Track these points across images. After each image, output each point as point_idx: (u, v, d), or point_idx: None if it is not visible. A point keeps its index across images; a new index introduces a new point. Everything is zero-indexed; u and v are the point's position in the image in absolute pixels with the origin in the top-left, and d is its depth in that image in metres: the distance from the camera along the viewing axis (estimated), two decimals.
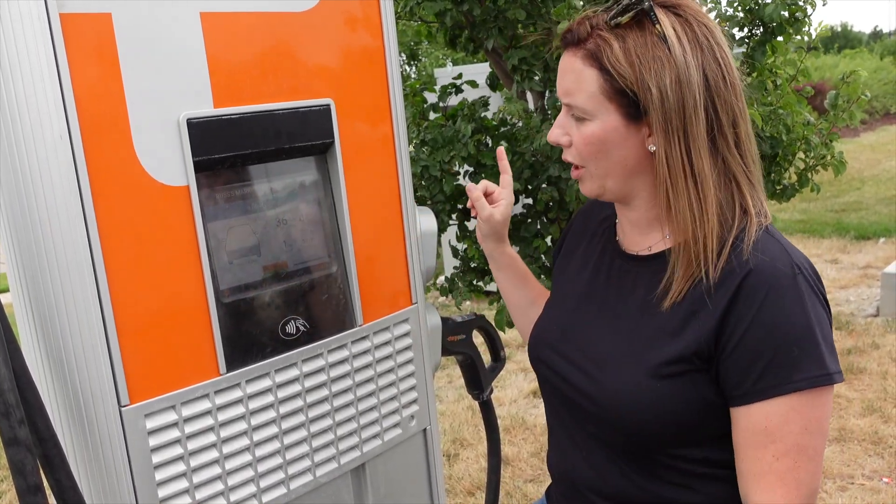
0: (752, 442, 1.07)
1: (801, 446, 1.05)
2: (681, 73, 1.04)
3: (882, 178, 10.46)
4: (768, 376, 1.05)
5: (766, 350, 1.05)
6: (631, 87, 1.06)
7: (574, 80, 1.10)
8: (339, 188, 1.38)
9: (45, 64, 1.03)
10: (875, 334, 4.91)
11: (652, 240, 1.20)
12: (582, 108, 1.10)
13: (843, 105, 1.96)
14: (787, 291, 1.05)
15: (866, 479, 3.29)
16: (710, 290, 1.08)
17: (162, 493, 1.18)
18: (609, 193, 1.18)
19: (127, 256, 1.13)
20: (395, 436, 1.53)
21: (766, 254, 1.08)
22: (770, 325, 1.05)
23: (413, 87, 2.41)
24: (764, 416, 1.06)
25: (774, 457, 1.06)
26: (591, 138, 1.11)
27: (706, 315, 1.08)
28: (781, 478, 1.06)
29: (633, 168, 1.12)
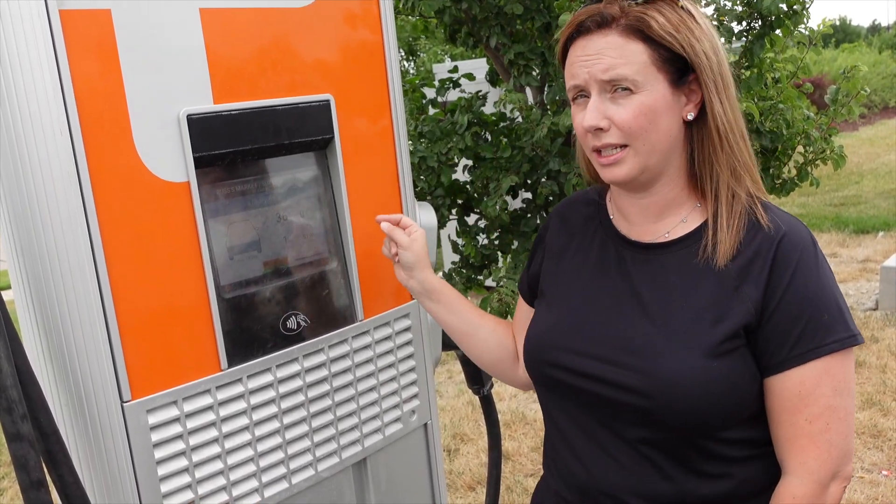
0: (787, 407, 1.12)
1: (832, 407, 1.10)
2: (712, 40, 1.13)
3: (881, 171, 10.46)
4: (803, 342, 1.10)
5: (801, 316, 1.10)
6: (683, 52, 1.11)
7: (618, 55, 1.11)
8: (339, 184, 1.38)
9: (45, 60, 1.03)
10: (874, 328, 4.92)
11: (667, 225, 1.20)
12: (632, 79, 1.11)
13: (842, 100, 1.96)
14: (813, 259, 1.12)
15: (866, 472, 3.30)
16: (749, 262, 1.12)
17: (164, 488, 1.18)
18: (647, 173, 1.16)
19: (128, 252, 1.13)
20: (396, 430, 1.53)
21: (789, 223, 1.14)
22: (803, 291, 1.10)
23: (412, 83, 2.41)
24: (798, 381, 1.10)
25: (808, 420, 1.10)
26: (642, 108, 1.12)
27: (750, 286, 1.12)
28: (814, 440, 1.11)
29: (673, 140, 1.15)
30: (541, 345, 1.27)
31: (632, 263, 1.21)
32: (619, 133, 1.13)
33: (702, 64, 1.11)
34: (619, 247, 1.24)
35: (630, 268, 1.21)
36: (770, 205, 1.19)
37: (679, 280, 1.16)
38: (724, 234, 1.14)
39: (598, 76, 1.13)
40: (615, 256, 1.23)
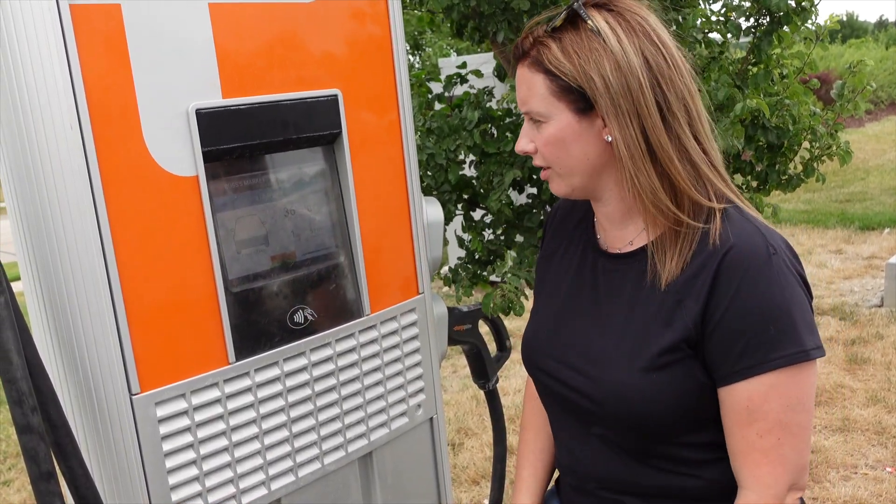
0: (737, 420, 1.10)
1: (783, 423, 1.08)
2: (619, 59, 1.09)
3: (887, 168, 10.43)
4: (747, 356, 1.08)
5: (744, 330, 1.07)
6: (575, 81, 1.11)
7: (526, 89, 1.16)
8: (346, 178, 1.38)
9: (56, 55, 1.04)
10: (879, 325, 4.91)
11: (631, 234, 1.21)
12: (537, 112, 1.15)
13: (848, 95, 1.96)
14: (762, 271, 1.08)
15: (870, 468, 3.30)
16: (692, 277, 1.11)
17: (172, 481, 1.19)
18: (578, 191, 1.21)
19: (137, 246, 1.13)
20: (402, 424, 1.54)
21: (741, 235, 1.10)
22: (747, 305, 1.07)
23: (418, 77, 2.41)
24: (746, 395, 1.09)
25: (758, 434, 1.09)
26: (549, 138, 1.16)
27: (691, 301, 1.11)
28: (766, 454, 1.09)
29: (595, 162, 1.16)
30: (529, 348, 1.35)
31: (601, 272, 1.26)
32: (541, 157, 1.20)
33: (596, 91, 1.09)
34: (594, 254, 1.28)
35: (599, 276, 1.26)
36: (734, 212, 1.14)
37: (633, 293, 1.19)
38: (665, 257, 1.13)
39: (519, 106, 1.20)
40: (590, 264, 1.28)
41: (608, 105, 1.09)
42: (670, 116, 1.11)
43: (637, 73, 1.09)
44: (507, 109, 2.14)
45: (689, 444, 1.16)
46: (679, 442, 1.16)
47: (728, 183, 1.18)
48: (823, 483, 3.20)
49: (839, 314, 5.16)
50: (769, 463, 1.09)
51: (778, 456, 1.09)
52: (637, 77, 1.09)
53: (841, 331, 4.87)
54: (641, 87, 1.09)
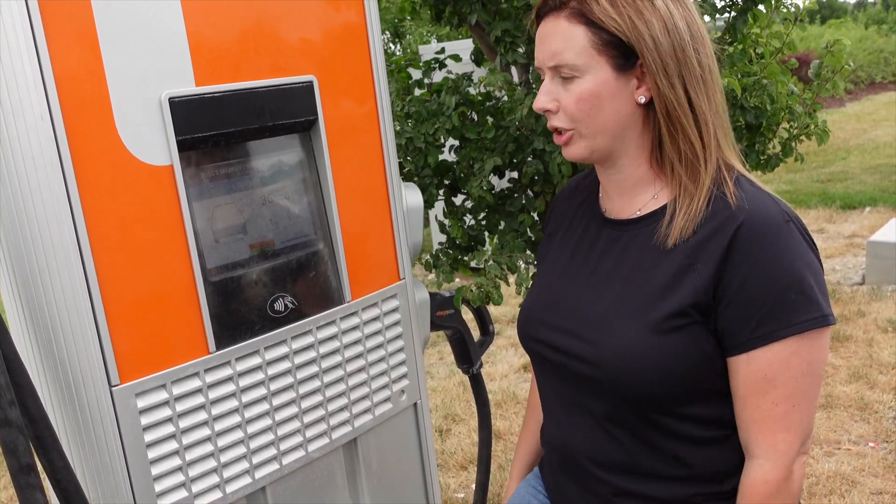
0: (753, 390, 1.10)
1: (800, 390, 1.09)
2: (667, 21, 1.10)
3: (868, 147, 10.50)
4: (768, 322, 1.08)
5: (765, 296, 1.08)
6: (624, 35, 1.10)
7: (561, 40, 1.12)
8: (324, 165, 1.38)
9: (24, 45, 1.02)
10: (861, 302, 4.96)
11: (640, 202, 1.21)
12: (572, 66, 1.12)
13: (826, 75, 1.97)
14: (780, 238, 1.09)
15: (852, 444, 3.34)
16: (705, 240, 1.11)
17: (155, 471, 1.19)
18: (597, 153, 1.19)
19: (113, 237, 1.13)
20: (386, 410, 1.54)
21: (757, 202, 1.11)
22: (767, 271, 1.08)
23: (398, 64, 2.40)
24: (765, 362, 1.09)
25: (774, 402, 1.09)
26: (584, 94, 1.13)
27: (703, 265, 1.11)
28: (780, 422, 1.10)
29: (624, 122, 1.15)
30: (525, 320, 1.33)
31: (606, 240, 1.25)
32: (565, 116, 1.16)
33: (645, 47, 1.10)
34: (599, 224, 1.27)
35: (604, 245, 1.25)
36: (745, 182, 1.16)
37: (640, 256, 1.18)
38: (679, 217, 1.14)
39: (546, 63, 1.16)
40: (594, 234, 1.27)
41: (656, 64, 1.10)
42: (709, 82, 1.14)
43: (684, 37, 1.11)
44: (487, 93, 2.14)
45: (685, 416, 1.16)
46: (676, 413, 1.16)
47: (737, 154, 1.20)
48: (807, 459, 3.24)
49: None
50: (783, 430, 1.10)
51: (791, 423, 1.10)
52: (683, 40, 1.11)
53: None
54: (685, 50, 1.11)
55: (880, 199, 7.57)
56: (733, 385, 1.13)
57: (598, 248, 1.25)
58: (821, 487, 3.04)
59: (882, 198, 7.62)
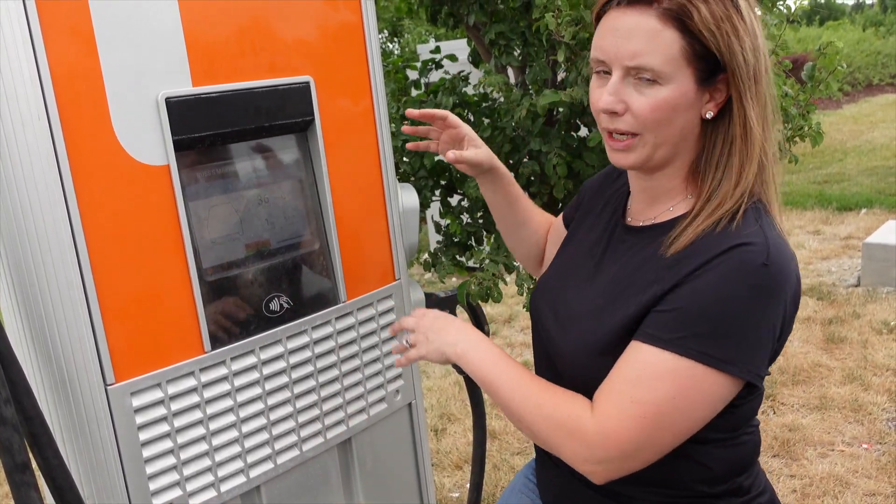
0: (626, 373, 1.06)
1: (660, 409, 1.03)
2: (754, 40, 1.06)
3: (864, 149, 10.52)
4: (666, 328, 1.04)
5: (685, 307, 1.04)
6: (719, 51, 1.04)
7: (647, 41, 1.04)
8: (320, 166, 1.38)
9: (21, 44, 1.03)
10: (856, 304, 4.97)
11: (658, 211, 1.19)
12: (657, 71, 1.04)
13: (819, 76, 1.98)
14: (740, 275, 1.03)
15: (846, 445, 3.35)
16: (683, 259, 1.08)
17: (150, 470, 1.19)
18: (652, 162, 1.13)
19: (109, 236, 1.13)
20: (381, 410, 1.54)
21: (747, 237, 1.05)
22: (703, 290, 1.03)
23: (395, 64, 2.40)
24: (646, 360, 1.05)
25: (632, 400, 1.05)
26: (661, 103, 1.06)
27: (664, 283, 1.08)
28: (623, 413, 1.05)
29: (687, 136, 1.11)
30: (537, 292, 1.35)
31: (615, 242, 1.25)
32: (633, 121, 1.09)
33: (737, 67, 1.05)
34: (616, 225, 1.28)
35: (614, 246, 1.25)
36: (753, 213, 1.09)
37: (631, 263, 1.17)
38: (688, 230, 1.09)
39: (623, 61, 1.06)
40: (609, 231, 1.27)
41: (743, 82, 1.05)
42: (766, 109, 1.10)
43: (763, 59, 1.07)
44: (483, 94, 2.15)
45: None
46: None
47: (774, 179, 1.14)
48: (801, 460, 3.25)
49: (817, 294, 5.22)
50: (619, 422, 1.04)
51: (630, 428, 1.04)
52: (765, 62, 1.07)
53: (818, 310, 4.93)
54: (761, 75, 1.07)
55: (876, 201, 7.59)
56: (617, 361, 1.09)
57: (610, 248, 1.25)
58: (814, 489, 3.05)
59: (878, 200, 7.64)
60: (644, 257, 1.15)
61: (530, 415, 1.12)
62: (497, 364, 1.17)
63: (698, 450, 1.14)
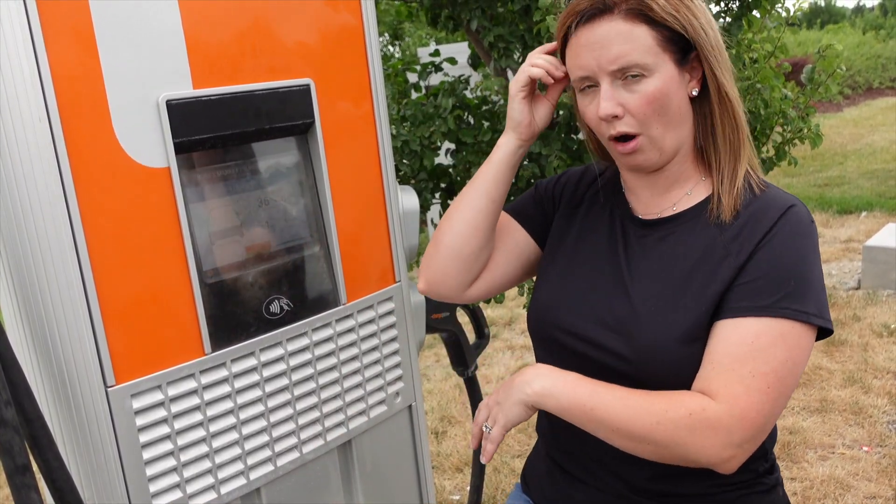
0: (736, 353, 1.07)
1: (780, 375, 1.07)
2: (707, 14, 1.15)
3: (865, 152, 10.53)
4: (762, 296, 1.08)
5: (773, 273, 1.09)
6: (684, 30, 1.11)
7: (624, 42, 1.11)
8: (320, 168, 1.38)
9: (22, 46, 1.03)
10: (856, 307, 4.97)
11: (673, 198, 1.22)
12: (642, 66, 1.11)
13: (819, 79, 1.98)
14: (808, 236, 1.12)
15: (847, 448, 3.35)
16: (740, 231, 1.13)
17: (150, 472, 1.19)
18: (665, 156, 1.18)
19: (109, 238, 1.13)
20: (381, 412, 1.54)
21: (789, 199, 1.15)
22: (781, 252, 1.10)
23: (394, 68, 2.41)
24: (754, 333, 1.07)
25: (752, 374, 1.06)
26: (654, 94, 1.12)
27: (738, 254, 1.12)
28: (749, 393, 1.06)
29: (684, 118, 1.17)
30: (550, 307, 1.30)
31: (634, 239, 1.25)
32: (633, 120, 1.14)
33: (701, 40, 1.13)
34: (627, 222, 1.27)
35: (632, 242, 1.25)
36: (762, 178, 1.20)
37: (673, 252, 1.19)
38: (725, 198, 1.16)
39: (607, 67, 1.12)
40: (621, 230, 1.27)
41: (712, 55, 1.13)
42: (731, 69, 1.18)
43: (717, 31, 1.15)
44: (483, 97, 2.15)
45: None
46: None
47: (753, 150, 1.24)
48: (801, 463, 3.25)
49: None
50: (748, 398, 1.05)
51: (760, 402, 1.06)
52: (718, 34, 1.15)
53: None
54: (721, 42, 1.15)
55: (877, 204, 7.59)
56: (712, 345, 1.10)
57: (633, 246, 1.24)
58: (815, 491, 3.04)
59: (878, 202, 7.64)
60: (692, 241, 1.17)
61: (648, 426, 1.08)
62: (593, 390, 1.12)
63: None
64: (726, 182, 1.17)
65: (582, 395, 1.12)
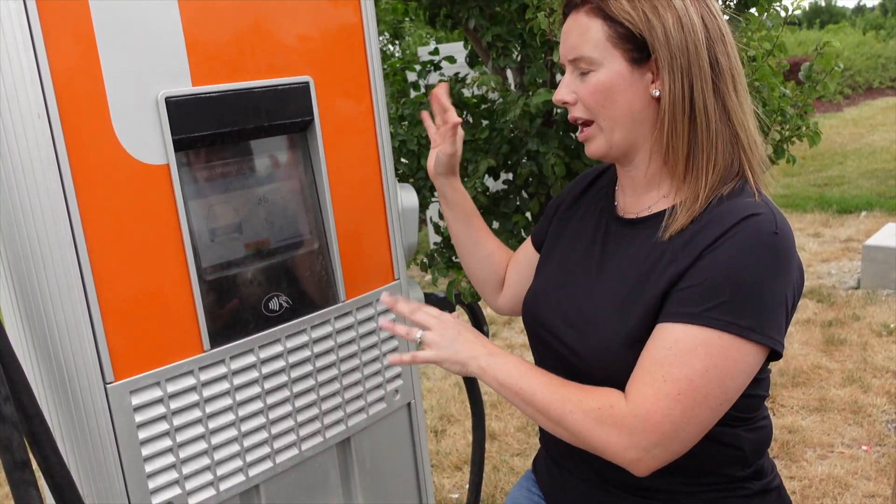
0: (656, 355, 1.08)
1: (693, 384, 1.06)
2: (681, 15, 1.12)
3: (864, 152, 10.53)
4: (691, 303, 1.08)
5: (708, 282, 1.07)
6: (637, 29, 1.12)
7: (579, 35, 1.17)
8: (319, 165, 1.39)
9: (21, 43, 1.03)
10: (856, 306, 4.97)
11: (651, 199, 1.23)
12: (588, 58, 1.16)
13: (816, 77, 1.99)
14: (764, 244, 1.07)
15: (846, 447, 3.35)
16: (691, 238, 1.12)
17: (149, 468, 1.20)
18: (616, 148, 1.20)
19: (109, 235, 1.13)
20: (380, 410, 1.55)
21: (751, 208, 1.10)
22: (724, 261, 1.07)
23: (393, 66, 2.41)
24: (675, 338, 1.08)
25: (664, 378, 1.07)
26: (598, 86, 1.16)
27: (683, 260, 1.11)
28: (658, 396, 1.06)
29: (638, 116, 1.17)
30: (536, 301, 1.34)
31: (614, 237, 1.27)
32: (582, 107, 1.20)
33: (656, 41, 1.12)
34: (609, 220, 1.30)
35: (613, 241, 1.27)
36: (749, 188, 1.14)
37: (636, 254, 1.20)
38: (680, 214, 1.15)
39: (566, 55, 1.21)
40: (603, 229, 1.30)
41: (665, 57, 1.12)
42: (720, 82, 1.14)
43: (697, 33, 1.12)
44: (482, 96, 2.15)
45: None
46: None
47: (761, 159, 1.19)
48: (801, 462, 3.25)
49: (817, 296, 5.23)
50: (655, 402, 1.06)
51: (667, 407, 1.06)
52: (695, 36, 1.12)
53: (818, 312, 4.93)
54: (698, 48, 1.12)
55: (876, 204, 7.59)
56: (646, 345, 1.11)
57: (609, 244, 1.26)
58: (813, 490, 3.05)
59: (878, 202, 7.64)
60: (653, 244, 1.17)
61: (569, 415, 1.11)
62: (527, 374, 1.17)
63: (728, 433, 1.17)
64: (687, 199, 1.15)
65: (517, 378, 1.16)
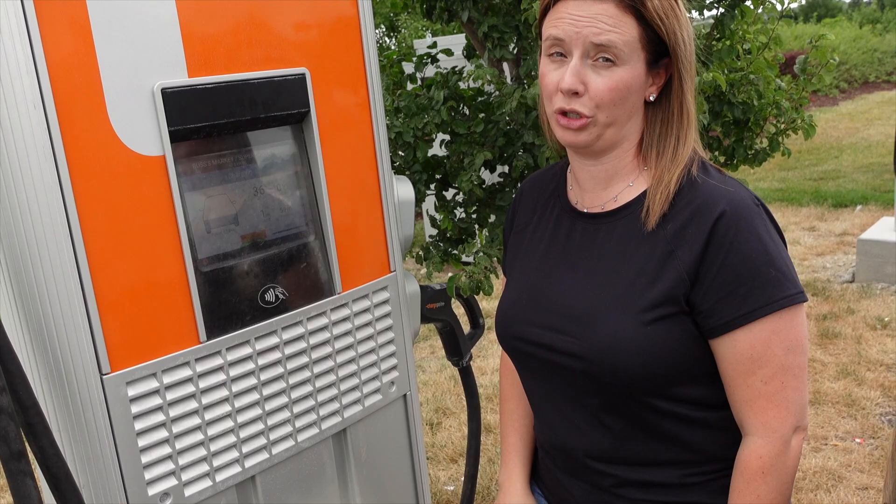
0: (741, 370, 1.14)
1: (785, 367, 1.13)
2: (690, 28, 1.17)
3: (860, 146, 10.54)
4: (747, 301, 1.11)
5: (744, 276, 1.11)
6: (667, 37, 1.14)
7: (613, 24, 1.12)
8: (315, 157, 1.39)
9: (17, 33, 1.03)
10: (850, 300, 4.99)
11: (614, 191, 1.24)
12: (619, 50, 1.13)
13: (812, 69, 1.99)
14: (754, 221, 1.13)
15: (839, 440, 3.37)
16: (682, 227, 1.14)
17: (145, 459, 1.20)
18: (602, 142, 1.20)
19: (105, 226, 1.13)
20: (376, 401, 1.55)
21: (729, 187, 1.16)
22: (746, 252, 1.12)
23: (390, 58, 2.41)
24: (748, 343, 1.12)
25: (763, 381, 1.13)
26: (619, 83, 1.14)
27: (684, 252, 1.14)
28: (771, 399, 1.13)
29: (634, 117, 1.20)
30: (507, 319, 1.33)
31: (581, 234, 1.27)
32: (590, 102, 1.16)
33: (680, 51, 1.16)
34: (572, 218, 1.29)
35: (579, 238, 1.27)
36: (710, 167, 1.21)
37: (620, 246, 1.21)
38: (655, 202, 1.18)
39: (589, 38, 1.13)
40: (567, 228, 1.29)
41: (684, 67, 1.16)
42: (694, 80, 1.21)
43: (695, 45, 1.18)
44: (478, 88, 2.15)
45: (677, 398, 1.18)
46: (668, 395, 1.18)
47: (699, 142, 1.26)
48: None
49: (812, 290, 5.24)
50: (775, 407, 1.13)
51: (783, 399, 1.13)
52: (696, 48, 1.18)
53: (813, 306, 4.95)
54: (695, 55, 1.19)
55: (871, 198, 7.61)
56: (721, 368, 1.16)
57: (575, 242, 1.26)
58: (807, 482, 3.06)
59: (873, 196, 7.66)
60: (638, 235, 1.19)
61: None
62: None
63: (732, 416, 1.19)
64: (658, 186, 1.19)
65: None
